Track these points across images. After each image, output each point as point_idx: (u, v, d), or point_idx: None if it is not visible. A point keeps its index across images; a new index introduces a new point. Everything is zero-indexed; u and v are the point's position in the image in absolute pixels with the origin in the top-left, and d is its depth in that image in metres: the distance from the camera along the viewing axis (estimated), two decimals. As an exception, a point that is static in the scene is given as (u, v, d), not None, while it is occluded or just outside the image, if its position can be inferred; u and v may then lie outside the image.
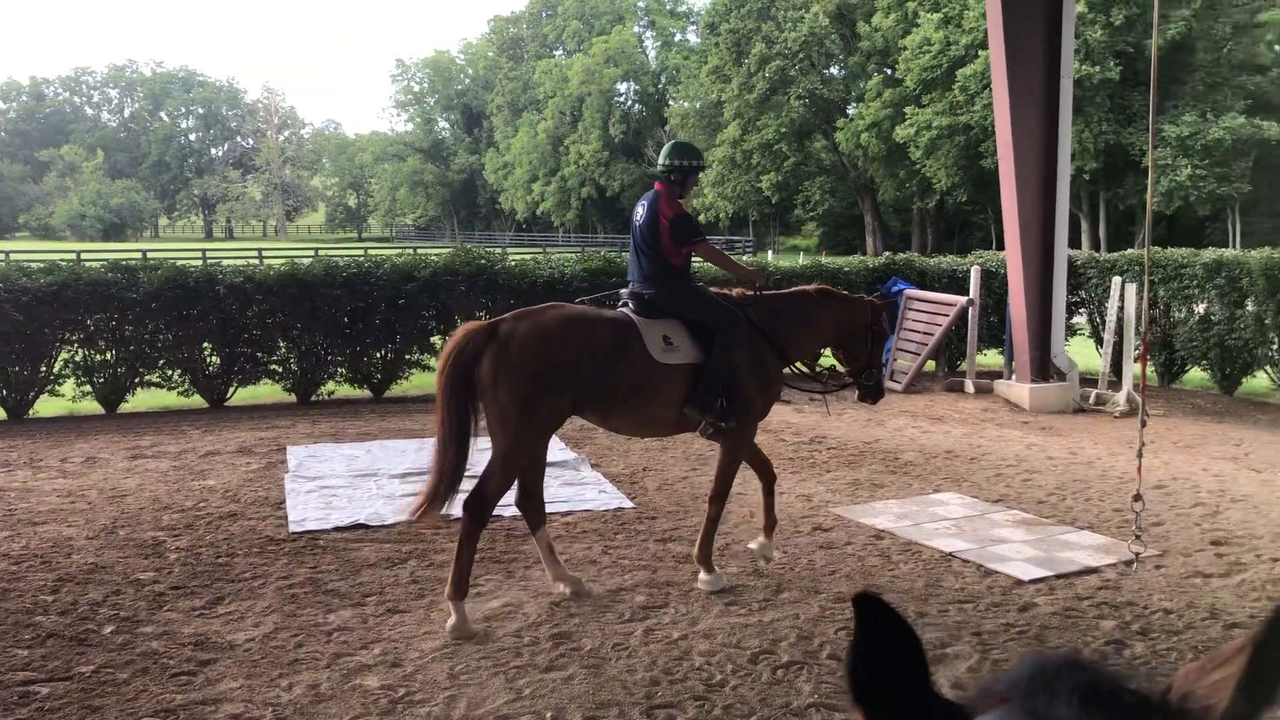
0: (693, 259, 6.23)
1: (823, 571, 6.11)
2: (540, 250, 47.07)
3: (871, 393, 6.40)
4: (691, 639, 5.06)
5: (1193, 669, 0.87)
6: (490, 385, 5.26)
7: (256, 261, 21.12)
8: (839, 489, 8.10)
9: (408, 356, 12.46)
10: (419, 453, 9.17)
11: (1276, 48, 44.37)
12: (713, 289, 6.22)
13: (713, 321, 5.83)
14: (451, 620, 5.13)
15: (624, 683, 4.57)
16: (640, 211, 6.10)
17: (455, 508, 5.47)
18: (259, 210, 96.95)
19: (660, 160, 6.17)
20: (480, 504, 5.35)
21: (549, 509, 7.31)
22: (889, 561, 6.33)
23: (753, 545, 6.20)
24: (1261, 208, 42.86)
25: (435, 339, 12.61)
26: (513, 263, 13.11)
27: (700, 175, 6.34)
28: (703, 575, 5.84)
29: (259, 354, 11.90)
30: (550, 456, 8.85)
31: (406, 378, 12.65)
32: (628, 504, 7.54)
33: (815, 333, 6.28)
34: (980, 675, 4.67)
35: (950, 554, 6.42)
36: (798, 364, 6.31)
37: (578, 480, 8.20)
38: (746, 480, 8.30)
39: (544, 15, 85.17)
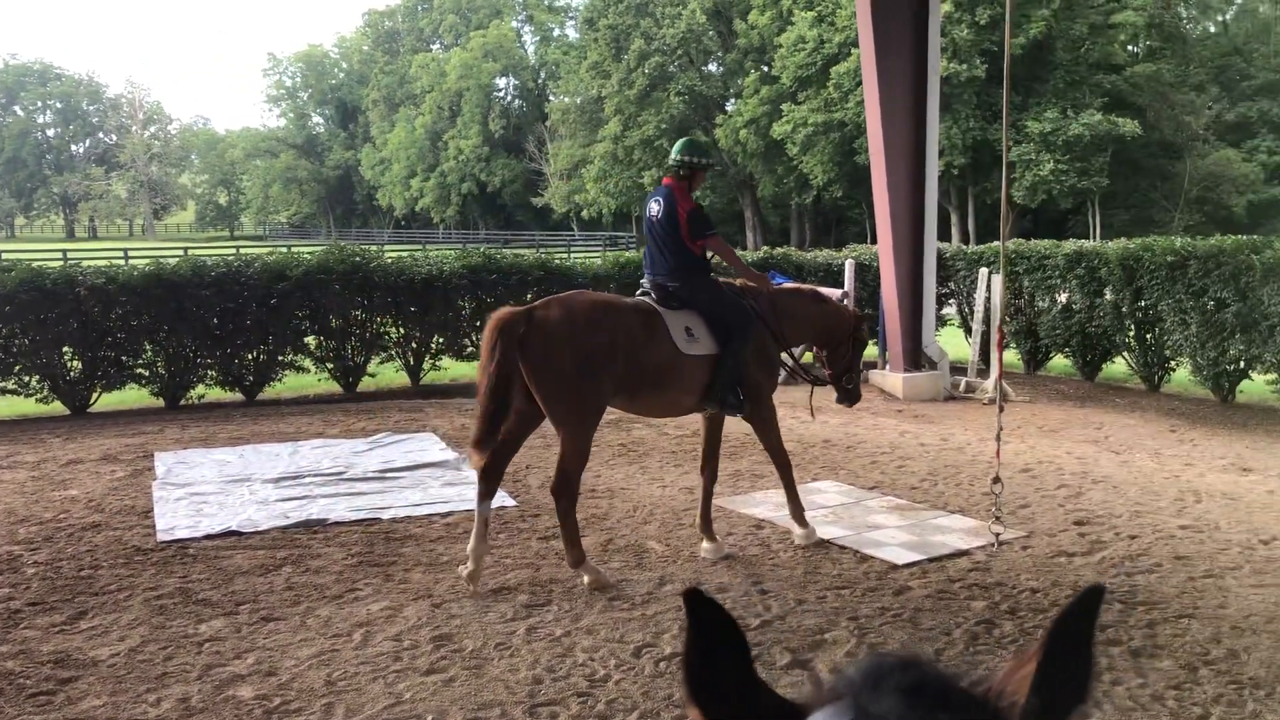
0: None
1: (704, 563, 6.17)
2: (419, 247, 46.39)
3: (849, 396, 6.96)
4: (575, 635, 5.06)
5: (1010, 665, 0.90)
6: (536, 370, 5.60)
7: (121, 262, 20.30)
8: (720, 480, 8.13)
9: (281, 358, 12.14)
10: (293, 456, 8.96)
11: (1130, 48, 46.54)
12: (722, 279, 6.61)
13: (731, 318, 6.18)
14: (587, 579, 5.64)
15: (506, 682, 4.54)
16: (656, 207, 6.36)
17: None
18: (124, 209, 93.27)
19: (672, 156, 6.45)
20: (565, 484, 5.75)
21: (429, 510, 7.24)
22: (769, 550, 6.43)
23: (703, 552, 6.31)
24: (1119, 201, 44.93)
25: (310, 339, 12.33)
26: (389, 260, 12.89)
27: (707, 173, 6.66)
28: (797, 530, 6.48)
29: (124, 357, 11.44)
30: (430, 456, 8.78)
31: (280, 380, 12.33)
32: (510, 502, 7.49)
33: (805, 328, 6.81)
34: (858, 659, 4.78)
35: (828, 541, 6.55)
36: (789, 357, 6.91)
37: (459, 480, 8.11)
38: (631, 476, 8.34)
39: (420, 9, 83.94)
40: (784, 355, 6.86)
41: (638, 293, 6.42)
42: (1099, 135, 40.83)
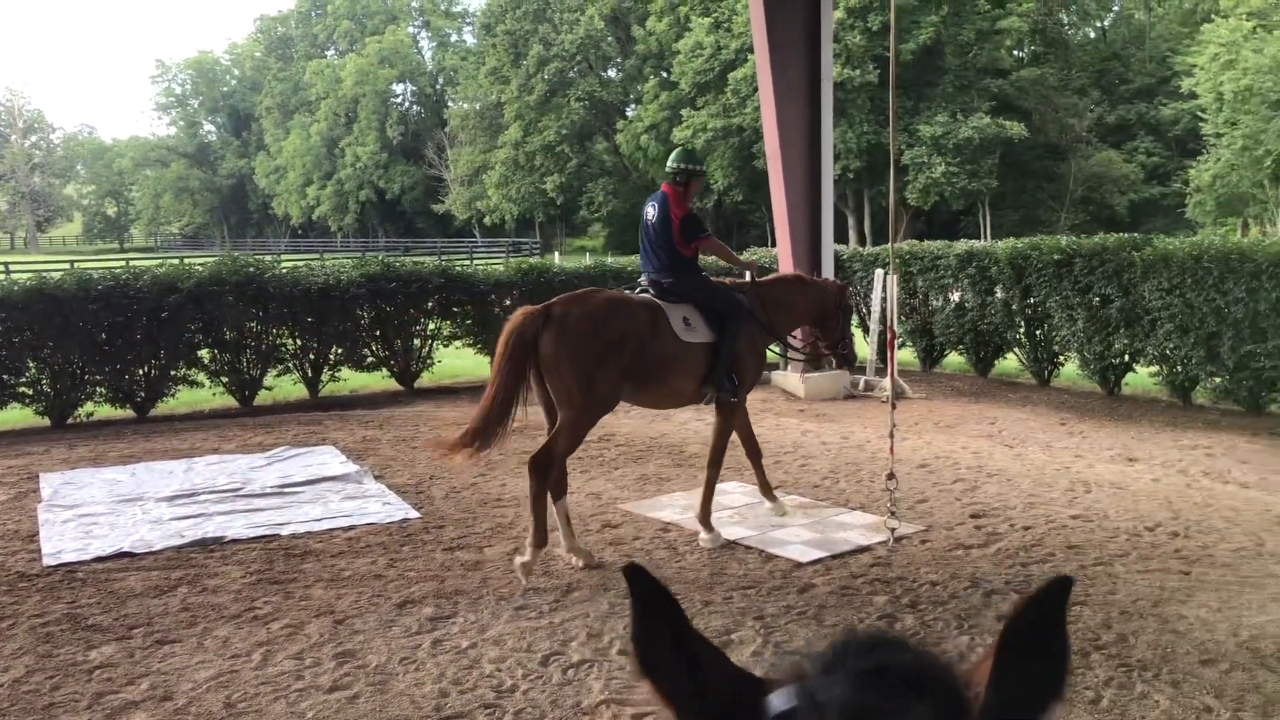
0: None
1: (612, 568, 6.17)
2: (317, 256, 45.54)
3: (846, 359, 7.77)
4: (481, 647, 5.01)
5: (983, 655, 0.88)
6: (554, 362, 5.97)
7: (2, 276, 19.51)
8: (627, 485, 8.20)
9: (174, 372, 11.78)
10: (188, 473, 8.71)
11: (1016, 53, 48.02)
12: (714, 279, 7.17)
13: (724, 308, 6.71)
14: (520, 559, 5.85)
15: (412, 697, 4.47)
16: (652, 212, 6.94)
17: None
18: (5, 221, 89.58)
19: (669, 164, 7.03)
20: (546, 462, 6.01)
21: (330, 524, 7.11)
22: (676, 553, 6.46)
23: (767, 505, 7.13)
24: (1008, 201, 46.32)
25: (203, 353, 12.00)
26: (285, 270, 12.62)
27: (701, 180, 7.29)
28: (702, 534, 6.62)
29: (5, 376, 10.98)
30: (330, 470, 8.61)
31: (173, 395, 11.97)
32: (413, 514, 7.38)
33: (798, 313, 7.39)
34: (763, 658, 4.83)
35: (733, 541, 6.61)
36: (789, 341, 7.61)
37: (360, 493, 7.97)
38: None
39: (313, 14, 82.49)
40: (777, 345, 7.50)
41: (637, 290, 6.85)
42: (988, 138, 42.04)
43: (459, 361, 14.43)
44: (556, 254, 49.04)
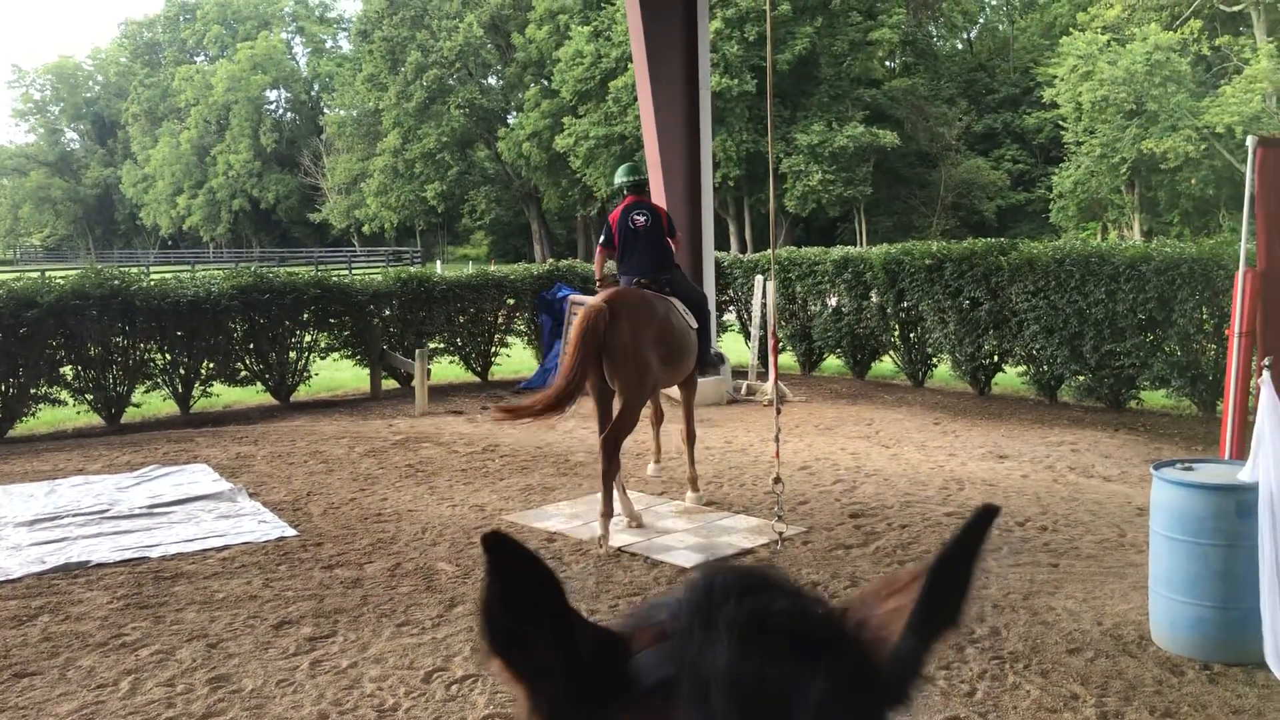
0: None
1: (496, 580, 6.10)
2: (188, 268, 44.08)
3: (713, 363, 8.66)
4: (362, 665, 4.90)
5: (869, 592, 0.81)
6: (624, 350, 6.77)
7: None
8: (512, 495, 8.14)
9: (34, 391, 11.25)
10: (50, 496, 8.31)
11: (887, 63, 49.36)
12: None
13: (699, 299, 8.00)
14: (600, 531, 6.69)
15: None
16: (642, 218, 7.95)
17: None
18: None
19: (632, 177, 8.20)
20: (615, 443, 6.91)
21: (203, 545, 6.87)
22: (561, 563, 6.43)
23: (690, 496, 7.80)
24: (882, 208, 47.56)
25: (66, 370, 11.48)
26: (153, 282, 12.18)
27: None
28: (689, 494, 7.75)
29: None
30: (202, 488, 8.34)
31: (34, 414, 11.42)
32: (290, 532, 7.18)
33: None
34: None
35: (619, 549, 6.62)
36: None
37: (234, 512, 7.72)
38: (419, 497, 8.17)
39: (182, 19, 79.95)
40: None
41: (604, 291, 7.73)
42: (862, 146, 43.08)
43: (337, 374, 14.14)
44: (439, 262, 48.47)
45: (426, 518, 7.51)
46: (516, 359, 15.27)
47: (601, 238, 8.41)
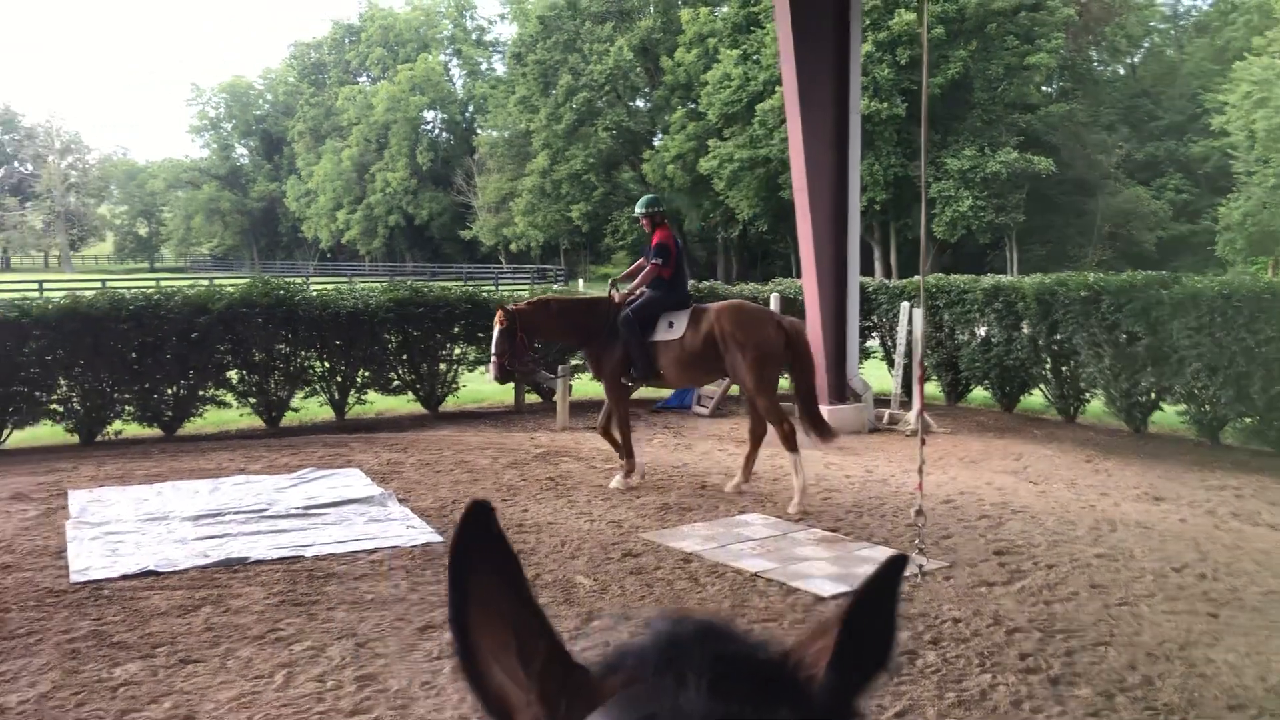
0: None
1: (633, 597, 6.16)
2: (345, 280, 45.93)
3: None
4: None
5: (805, 636, 0.87)
6: (796, 358, 8.77)
7: (36, 294, 19.77)
8: (648, 513, 8.20)
9: (202, 392, 11.90)
10: (213, 493, 8.77)
11: (1044, 88, 48.00)
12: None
13: None
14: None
15: (432, 722, 4.48)
16: (676, 247, 9.18)
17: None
18: (40, 240, 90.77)
19: (658, 208, 9.35)
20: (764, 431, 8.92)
21: (354, 546, 7.14)
22: (697, 584, 6.45)
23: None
24: (1035, 236, 46.16)
25: (232, 374, 12.10)
26: (314, 294, 12.74)
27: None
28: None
29: (37, 393, 11.12)
30: (354, 492, 8.66)
31: (201, 415, 12.08)
32: (437, 538, 7.40)
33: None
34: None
35: (755, 574, 6.59)
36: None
37: (384, 516, 8.00)
38: (559, 510, 8.31)
39: (346, 41, 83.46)
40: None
41: (676, 306, 8.97)
42: (1015, 172, 41.99)
43: (484, 386, 14.49)
44: (581, 281, 49.24)
45: (565, 531, 7.63)
46: (656, 379, 15.36)
47: (660, 258, 9.00)
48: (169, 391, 11.73)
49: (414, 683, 4.89)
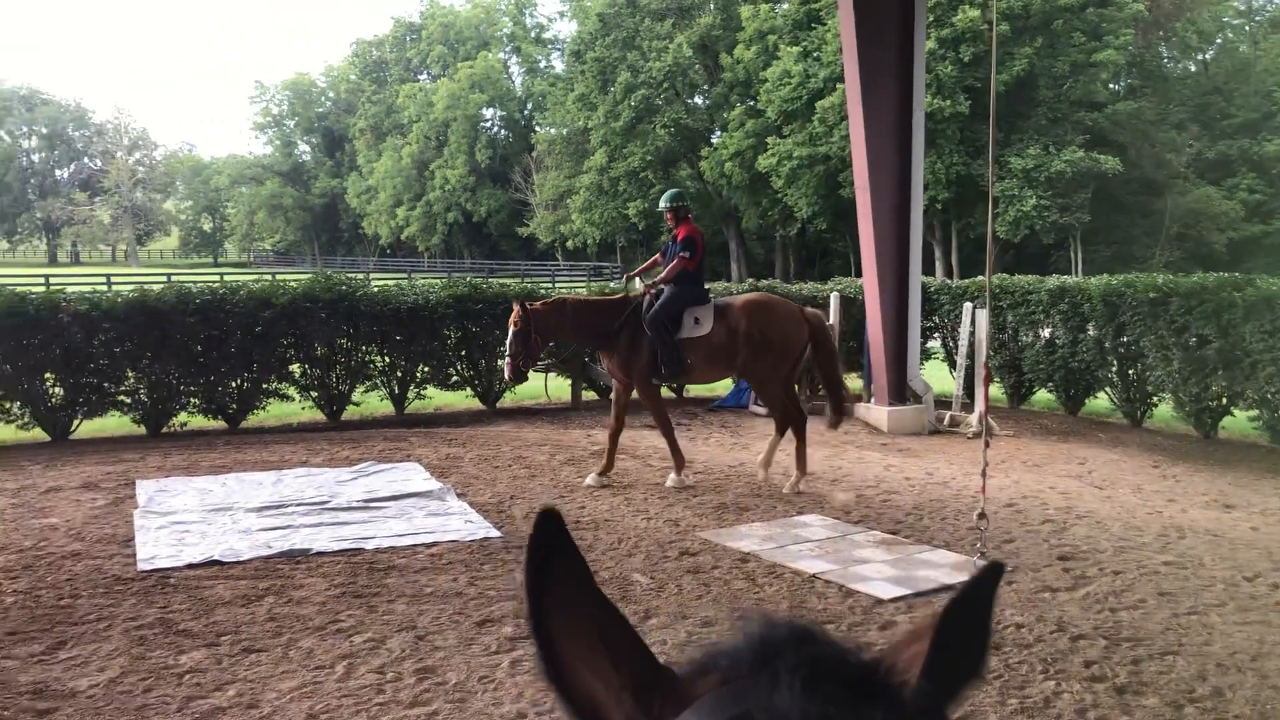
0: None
1: (690, 596, 6.14)
2: (405, 276, 46.36)
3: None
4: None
5: (897, 641, 0.87)
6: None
7: (104, 288, 20.20)
8: (705, 513, 8.17)
9: (265, 385, 12.09)
10: (276, 485, 8.90)
11: (1111, 85, 47.06)
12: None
13: None
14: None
15: (490, 716, 4.50)
16: (703, 239, 9.31)
17: None
18: (108, 234, 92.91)
19: (680, 202, 9.30)
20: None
21: (413, 540, 7.20)
22: (755, 584, 6.41)
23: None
24: (1101, 237, 45.29)
25: (294, 368, 12.27)
26: (375, 289, 12.88)
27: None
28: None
29: (106, 384, 11.37)
30: (414, 486, 8.74)
31: (264, 407, 12.26)
32: (495, 533, 7.44)
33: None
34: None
35: (814, 575, 6.54)
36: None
37: (443, 510, 8.06)
38: (616, 508, 8.31)
39: (408, 39, 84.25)
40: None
41: (699, 301, 8.99)
42: (1081, 172, 41.21)
43: (541, 383, 14.53)
44: (638, 280, 49.24)
45: (622, 529, 7.63)
46: (713, 377, 15.32)
47: (687, 251, 9.00)
48: (233, 384, 11.93)
49: (472, 676, 4.92)
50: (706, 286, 9.47)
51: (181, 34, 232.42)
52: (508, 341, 8.85)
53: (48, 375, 11.10)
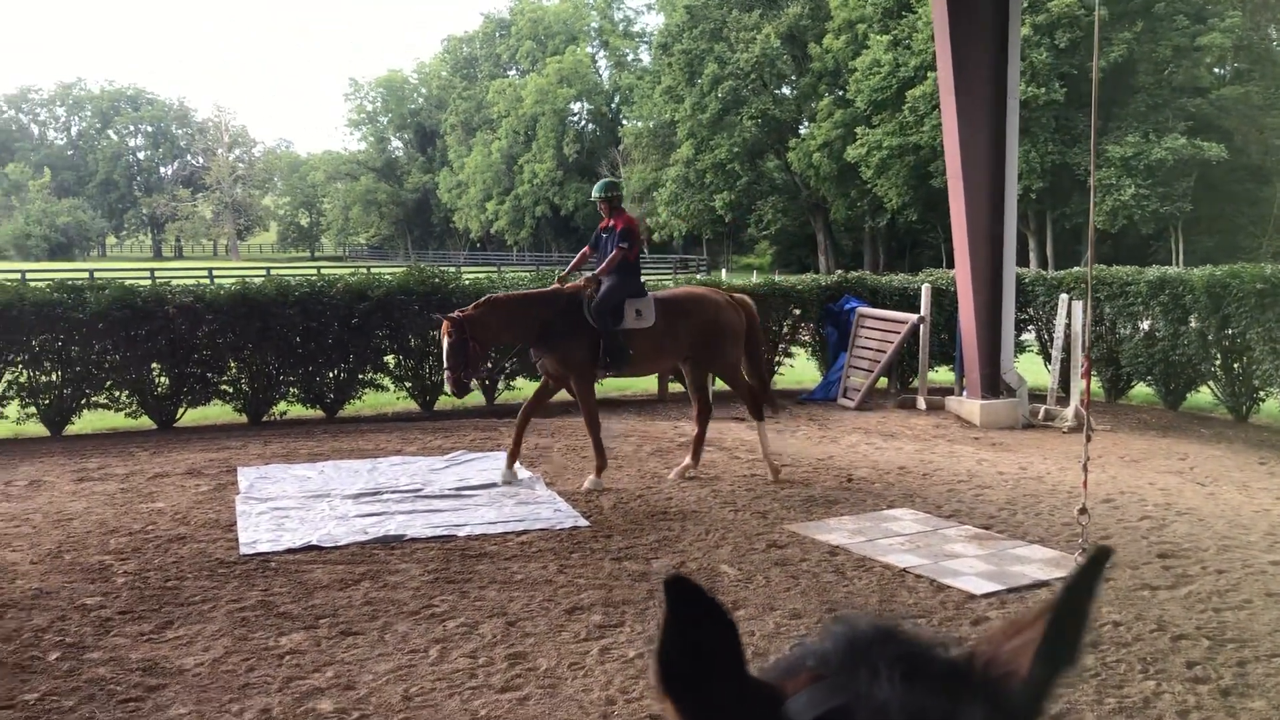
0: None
1: (778, 588, 6.13)
2: (494, 269, 46.85)
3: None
4: (648, 658, 5.04)
5: (994, 634, 0.87)
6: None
7: (207, 281, 20.86)
8: (793, 505, 8.13)
9: (361, 376, 12.36)
10: (372, 473, 9.11)
11: (1216, 70, 45.45)
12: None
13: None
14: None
15: (580, 702, 4.56)
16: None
17: None
18: (209, 229, 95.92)
19: (614, 192, 9.24)
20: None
21: (504, 528, 7.31)
22: (843, 577, 6.37)
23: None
24: (1203, 226, 43.80)
25: (389, 358, 12.53)
26: (467, 282, 13.08)
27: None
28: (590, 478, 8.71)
29: (209, 374, 11.75)
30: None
31: (359, 398, 12.55)
32: (583, 522, 7.52)
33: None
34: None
35: (904, 569, 6.47)
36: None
37: (532, 499, 8.17)
38: (703, 499, 8.32)
39: (497, 35, 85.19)
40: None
41: (638, 294, 8.85)
42: (1183, 159, 39.91)
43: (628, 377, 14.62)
44: (724, 271, 49.13)
45: (710, 520, 7.64)
46: (799, 369, 15.24)
47: (626, 241, 8.91)
48: (330, 375, 12.22)
49: (562, 663, 4.98)
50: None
51: (278, 33, 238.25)
52: (444, 355, 8.38)
53: (154, 365, 11.50)
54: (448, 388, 8.69)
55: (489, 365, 10.38)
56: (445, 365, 8.40)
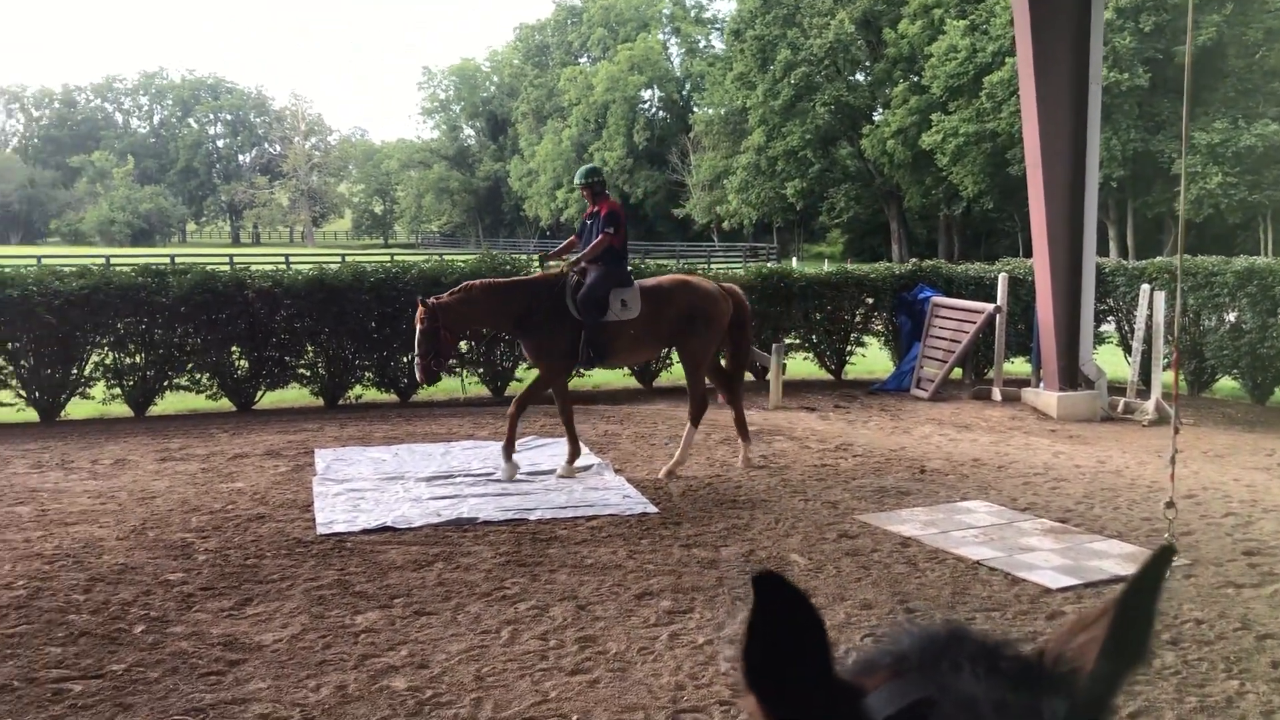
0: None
1: (849, 578, 6.09)
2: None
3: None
4: (717, 644, 5.06)
5: (1061, 632, 0.88)
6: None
7: (284, 267, 21.28)
8: (865, 496, 8.07)
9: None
10: (445, 456, 9.23)
11: (1309, 54, 43.88)
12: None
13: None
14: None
15: (649, 687, 4.58)
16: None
17: None
18: (286, 216, 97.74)
19: (595, 178, 8.99)
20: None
21: (574, 513, 7.36)
22: (915, 569, 6.30)
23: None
24: (1293, 216, 42.40)
25: (462, 344, 12.64)
26: (537, 269, 13.14)
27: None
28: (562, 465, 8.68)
29: (287, 358, 11.99)
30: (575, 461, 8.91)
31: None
32: (652, 509, 7.54)
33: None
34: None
35: (978, 562, 6.39)
36: None
37: (602, 485, 8.22)
38: (773, 488, 8.29)
39: (569, 23, 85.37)
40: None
41: (624, 283, 8.59)
42: (1273, 146, 38.65)
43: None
44: (795, 259, 48.79)
45: (779, 509, 7.61)
46: (872, 359, 15.09)
47: (611, 227, 8.62)
48: (404, 360, 12.39)
49: (632, 647, 5.01)
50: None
51: (353, 23, 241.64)
52: (415, 342, 8.25)
53: (234, 348, 11.77)
54: (417, 375, 8.50)
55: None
56: (416, 352, 8.27)
